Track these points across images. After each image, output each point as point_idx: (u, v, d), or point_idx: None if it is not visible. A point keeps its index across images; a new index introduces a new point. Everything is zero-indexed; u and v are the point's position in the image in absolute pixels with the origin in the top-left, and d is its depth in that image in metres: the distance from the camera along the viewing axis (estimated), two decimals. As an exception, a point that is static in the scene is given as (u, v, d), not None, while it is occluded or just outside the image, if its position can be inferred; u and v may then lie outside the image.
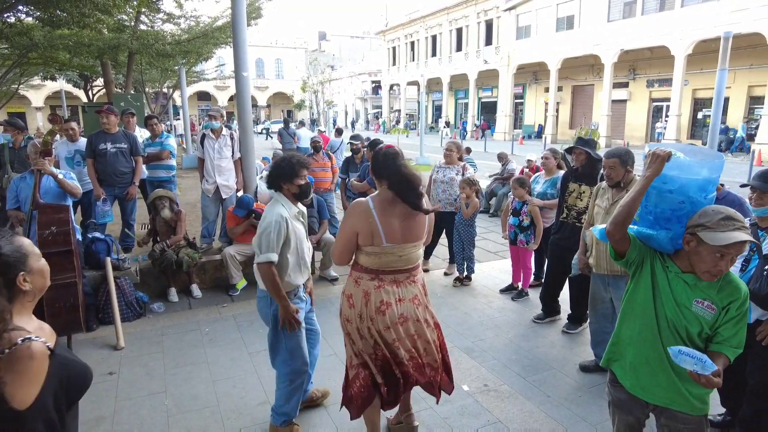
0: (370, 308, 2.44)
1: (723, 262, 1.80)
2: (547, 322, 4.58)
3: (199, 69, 25.66)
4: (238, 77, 5.35)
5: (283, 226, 2.64)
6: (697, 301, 1.89)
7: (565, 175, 4.46)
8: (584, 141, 4.31)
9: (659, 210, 2.00)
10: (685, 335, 1.92)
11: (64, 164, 5.56)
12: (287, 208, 2.72)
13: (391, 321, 2.45)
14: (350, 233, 2.41)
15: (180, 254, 5.01)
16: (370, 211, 2.37)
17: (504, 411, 3.21)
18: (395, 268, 2.45)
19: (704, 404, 1.99)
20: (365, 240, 2.38)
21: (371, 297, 2.44)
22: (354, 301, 2.48)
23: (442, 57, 37.65)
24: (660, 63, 23.58)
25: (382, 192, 2.45)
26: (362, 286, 2.46)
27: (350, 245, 2.44)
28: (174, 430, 3.02)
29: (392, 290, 2.46)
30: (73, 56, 13.84)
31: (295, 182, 2.71)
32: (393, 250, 2.40)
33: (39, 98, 42.31)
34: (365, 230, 2.37)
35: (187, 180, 11.55)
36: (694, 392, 1.94)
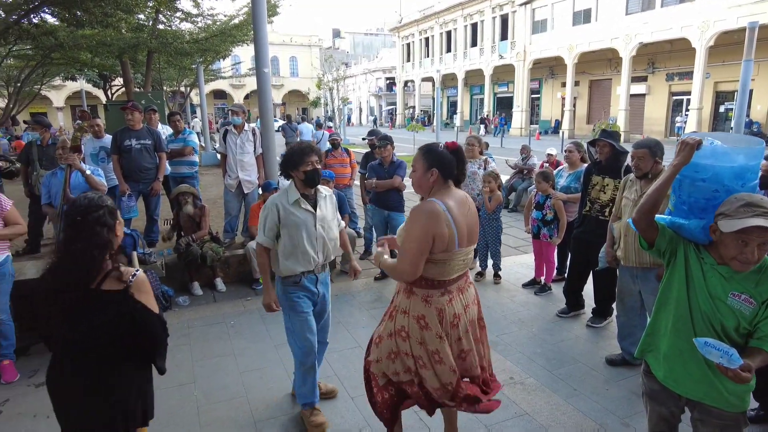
0: (446, 325, 2.26)
1: (748, 249, 1.72)
2: (571, 316, 4.55)
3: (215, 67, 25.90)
4: (259, 73, 5.39)
5: (272, 211, 2.77)
6: (733, 294, 1.82)
7: (588, 167, 4.41)
8: (608, 133, 4.26)
9: (693, 200, 1.96)
10: (720, 329, 1.85)
11: (90, 160, 5.67)
12: (288, 195, 2.82)
13: (462, 331, 2.31)
14: (426, 239, 2.14)
15: (204, 249, 5.08)
16: (444, 214, 2.15)
17: (531, 403, 3.20)
18: (458, 273, 2.29)
19: (741, 401, 1.91)
20: (440, 246, 2.16)
21: (445, 314, 2.25)
22: (428, 322, 2.24)
23: (457, 53, 37.46)
24: (680, 56, 23.19)
25: (442, 191, 2.26)
26: (434, 304, 2.24)
27: (425, 253, 2.16)
28: (204, 419, 3.07)
29: (460, 299, 2.31)
30: (95, 56, 14.07)
31: (300, 169, 2.79)
32: (461, 255, 2.24)
33: (60, 98, 43.14)
34: (442, 235, 2.14)
35: (206, 177, 11.67)
36: (729, 387, 1.88)
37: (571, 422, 3.01)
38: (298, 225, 2.80)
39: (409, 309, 2.29)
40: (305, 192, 2.87)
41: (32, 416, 3.12)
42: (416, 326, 2.26)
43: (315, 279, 2.93)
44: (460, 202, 2.26)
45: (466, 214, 2.26)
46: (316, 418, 2.93)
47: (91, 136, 5.86)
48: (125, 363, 1.90)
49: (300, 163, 2.78)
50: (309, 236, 2.83)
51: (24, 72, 14.79)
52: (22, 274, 4.64)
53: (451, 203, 2.20)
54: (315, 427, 2.89)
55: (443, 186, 2.27)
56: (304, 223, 2.82)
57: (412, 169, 2.36)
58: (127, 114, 5.54)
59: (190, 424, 3.02)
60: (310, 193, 2.88)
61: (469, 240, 2.29)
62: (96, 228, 1.80)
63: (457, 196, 2.28)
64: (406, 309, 2.30)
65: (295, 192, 2.83)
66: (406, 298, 2.31)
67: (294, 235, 2.81)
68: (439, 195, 2.24)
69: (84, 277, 1.77)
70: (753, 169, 1.92)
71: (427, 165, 2.26)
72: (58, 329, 1.83)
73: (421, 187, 2.31)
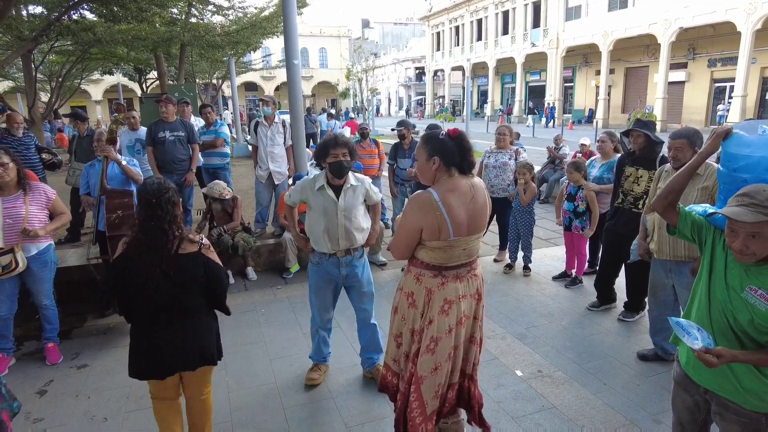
0: (433, 308, 2.26)
1: (737, 239, 1.68)
2: (602, 310, 4.46)
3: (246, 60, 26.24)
4: (289, 65, 5.44)
5: (301, 191, 3.11)
6: (750, 288, 1.74)
7: (621, 158, 4.29)
8: (643, 123, 4.13)
9: (728, 189, 1.92)
10: (732, 321, 1.80)
11: (126, 152, 5.84)
12: (316, 182, 3.04)
13: (451, 323, 2.28)
14: (413, 229, 2.22)
15: (236, 239, 5.19)
16: (435, 204, 2.16)
17: (559, 397, 3.17)
18: (458, 262, 2.29)
19: (761, 401, 1.81)
20: (431, 235, 2.19)
21: (434, 295, 2.27)
22: (416, 299, 2.31)
23: (488, 41, 36.84)
24: (723, 40, 22.18)
25: (444, 181, 2.25)
26: (424, 283, 2.28)
27: (413, 242, 2.26)
28: (234, 404, 3.16)
29: (455, 287, 2.28)
30: (130, 50, 14.46)
31: (326, 160, 2.97)
32: (458, 243, 2.23)
33: (98, 92, 44.58)
34: (431, 225, 2.17)
35: (237, 168, 11.88)
36: (743, 382, 1.80)
37: (600, 417, 2.96)
38: (317, 210, 3.03)
39: (403, 285, 2.40)
40: (334, 182, 3.02)
41: (74, 396, 3.27)
42: (405, 302, 2.36)
43: (338, 262, 3.12)
44: (462, 192, 2.22)
45: (467, 203, 2.21)
46: (312, 373, 3.39)
47: (127, 128, 6.03)
48: (203, 312, 2.40)
49: (326, 155, 2.95)
50: (329, 223, 3.01)
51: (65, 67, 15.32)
52: (64, 261, 4.86)
53: (449, 194, 2.18)
54: (307, 379, 3.36)
55: (446, 174, 2.25)
56: (324, 209, 3.01)
57: (415, 159, 2.39)
58: (161, 106, 5.68)
59: (220, 408, 3.11)
60: (339, 183, 3.02)
61: (470, 230, 2.25)
62: (167, 206, 2.23)
63: (460, 186, 2.23)
64: (402, 286, 2.42)
65: (322, 179, 3.03)
66: (404, 276, 2.41)
67: (314, 220, 3.07)
68: (440, 185, 2.24)
69: (165, 245, 2.21)
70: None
71: (428, 153, 2.25)
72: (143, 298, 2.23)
73: (424, 175, 2.31)
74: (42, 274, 3.60)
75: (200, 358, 2.35)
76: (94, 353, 3.85)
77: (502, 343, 3.90)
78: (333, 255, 3.10)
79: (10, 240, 3.35)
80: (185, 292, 2.27)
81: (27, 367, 3.62)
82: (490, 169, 5.56)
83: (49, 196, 3.60)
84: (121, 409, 3.12)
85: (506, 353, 3.74)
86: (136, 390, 3.32)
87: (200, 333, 2.35)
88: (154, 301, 2.23)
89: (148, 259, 2.20)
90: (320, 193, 3.01)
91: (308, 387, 3.33)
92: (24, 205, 3.42)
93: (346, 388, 3.33)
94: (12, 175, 3.38)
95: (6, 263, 3.33)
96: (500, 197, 5.52)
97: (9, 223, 3.34)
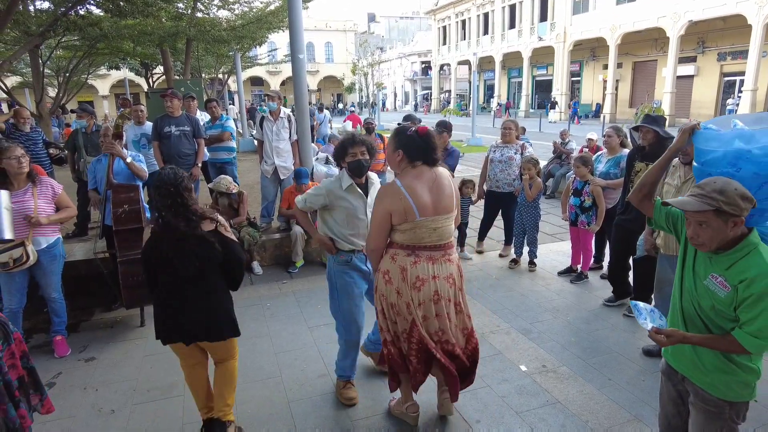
0: (408, 284, 2.49)
1: (690, 227, 1.80)
2: (618, 305, 4.43)
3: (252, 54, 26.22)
4: (294, 59, 5.43)
5: (321, 196, 2.95)
6: (712, 276, 1.81)
7: (631, 153, 4.27)
8: (652, 119, 4.10)
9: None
10: (697, 307, 1.88)
11: (132, 147, 5.87)
12: (342, 182, 2.94)
13: (424, 298, 2.51)
14: (383, 215, 2.47)
15: (241, 233, 5.21)
16: (399, 190, 2.42)
17: (563, 392, 3.17)
18: (430, 243, 2.51)
19: (727, 388, 1.86)
20: (399, 218, 2.44)
21: (408, 273, 2.49)
22: (391, 276, 2.52)
23: (494, 35, 36.60)
24: (734, 33, 21.90)
25: (405, 171, 2.51)
26: (399, 262, 2.50)
27: (385, 227, 2.50)
28: (240, 398, 3.16)
29: (428, 267, 2.51)
30: (137, 45, 14.50)
31: (345, 160, 2.93)
32: (426, 223, 2.46)
33: (105, 87, 44.74)
34: (398, 209, 2.42)
35: (244, 162, 11.89)
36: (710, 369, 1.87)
37: (604, 412, 2.96)
38: (348, 209, 2.94)
39: (381, 266, 2.59)
40: (357, 180, 2.98)
41: (82, 388, 3.31)
42: (382, 281, 2.57)
43: (365, 258, 3.04)
44: (426, 178, 2.48)
45: (431, 187, 2.48)
46: (348, 392, 3.12)
47: (133, 123, 6.06)
48: (222, 287, 2.62)
49: (346, 153, 2.91)
50: (358, 220, 2.97)
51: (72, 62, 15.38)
52: (71, 255, 4.90)
53: (413, 181, 2.45)
54: (345, 399, 3.10)
55: (409, 166, 2.51)
56: (354, 208, 2.94)
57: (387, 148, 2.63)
58: (167, 101, 5.70)
59: (227, 401, 3.13)
60: (360, 181, 2.99)
61: (436, 210, 2.48)
62: (185, 193, 2.48)
63: (424, 174, 2.49)
64: (380, 266, 2.60)
65: (348, 179, 2.94)
66: (383, 258, 2.60)
67: (344, 218, 2.95)
68: (403, 174, 2.50)
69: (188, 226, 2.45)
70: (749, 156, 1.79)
71: (394, 146, 2.53)
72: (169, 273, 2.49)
73: (392, 165, 2.60)
74: (51, 267, 3.64)
75: (218, 330, 2.60)
76: (101, 346, 3.89)
77: (506, 338, 3.90)
78: (360, 251, 3.03)
79: (19, 233, 3.38)
80: (207, 267, 2.52)
81: (36, 359, 3.60)
82: (495, 164, 5.53)
83: (56, 190, 3.64)
84: (128, 402, 3.15)
85: (511, 348, 3.74)
86: (143, 383, 3.36)
87: (217, 306, 2.59)
88: (180, 275, 2.48)
89: (173, 240, 2.46)
90: (349, 193, 2.94)
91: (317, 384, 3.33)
92: (32, 198, 3.46)
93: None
94: (27, 168, 3.46)
95: (17, 256, 3.37)
96: (506, 192, 5.50)
97: (18, 216, 3.38)
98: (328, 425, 2.90)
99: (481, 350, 3.61)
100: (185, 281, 2.51)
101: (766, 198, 1.80)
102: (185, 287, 2.53)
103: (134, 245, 4.10)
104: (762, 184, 1.79)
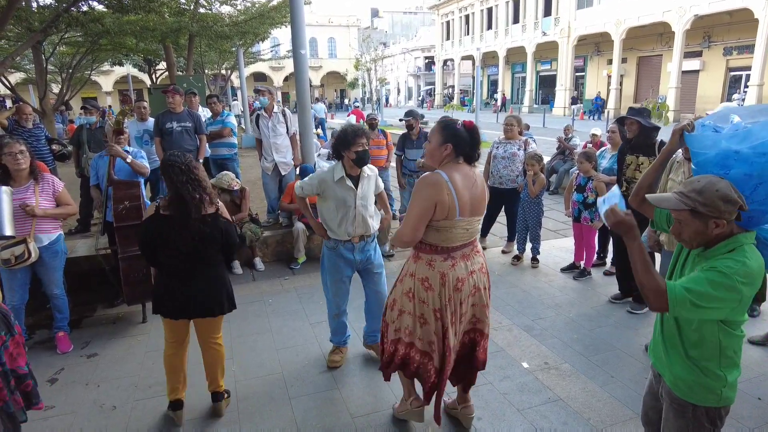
0: (449, 288, 2.42)
1: (674, 224, 1.79)
2: (625, 302, 4.41)
3: (254, 50, 26.17)
4: (296, 55, 5.40)
5: (315, 183, 3.14)
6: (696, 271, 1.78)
7: (622, 147, 4.30)
8: (636, 110, 4.13)
9: None
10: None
11: (134, 143, 5.86)
12: (335, 173, 3.08)
13: (465, 296, 2.50)
14: (428, 206, 2.31)
15: (243, 229, 5.20)
16: (446, 184, 2.30)
17: (565, 389, 3.15)
18: (462, 242, 2.44)
19: (690, 390, 1.82)
20: (442, 212, 2.32)
21: (448, 278, 2.42)
22: (432, 284, 2.43)
23: (498, 30, 36.41)
24: (740, 28, 21.68)
25: (450, 165, 2.40)
26: (437, 268, 2.42)
27: (426, 218, 2.34)
28: (241, 394, 3.18)
29: (464, 265, 2.47)
30: (139, 41, 14.47)
31: (352, 149, 3.00)
32: (462, 223, 2.38)
33: (108, 83, 44.75)
34: (444, 201, 2.30)
35: (246, 159, 11.89)
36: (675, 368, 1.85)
37: (606, 409, 2.95)
38: (337, 200, 3.10)
39: (416, 272, 2.50)
40: (352, 172, 3.10)
41: (84, 384, 3.32)
42: (421, 287, 2.48)
43: (352, 247, 3.23)
44: (466, 176, 2.40)
45: (470, 187, 2.40)
46: (334, 355, 3.49)
47: (135, 119, 6.05)
48: (219, 263, 2.82)
49: (352, 144, 3.00)
50: (347, 212, 3.12)
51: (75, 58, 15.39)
52: (74, 252, 4.91)
53: (456, 176, 2.35)
54: (329, 362, 3.46)
55: (453, 161, 2.41)
56: (343, 199, 3.09)
57: (428, 141, 2.49)
58: (168, 97, 5.69)
59: (228, 397, 3.14)
60: (356, 173, 3.11)
61: (472, 212, 2.42)
62: (194, 170, 2.64)
63: (464, 171, 2.41)
64: (414, 272, 2.51)
65: (341, 171, 3.08)
66: (414, 263, 2.53)
67: (333, 209, 3.14)
68: (447, 168, 2.38)
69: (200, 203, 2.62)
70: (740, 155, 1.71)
71: (443, 139, 2.40)
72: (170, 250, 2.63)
73: (433, 158, 2.45)
74: (53, 263, 3.64)
75: (219, 305, 2.80)
76: (103, 342, 3.90)
77: (508, 334, 3.89)
78: (348, 241, 3.21)
79: (21, 230, 3.38)
80: (208, 246, 2.68)
81: (38, 355, 3.67)
82: (498, 160, 5.50)
83: (57, 187, 3.64)
84: (129, 398, 3.16)
85: (513, 345, 3.72)
86: (145, 379, 3.36)
87: (213, 284, 2.77)
88: (180, 252, 2.63)
89: (178, 218, 2.59)
90: (339, 184, 3.08)
91: (330, 368, 3.44)
92: (34, 195, 3.47)
93: (352, 379, 3.34)
94: (27, 164, 3.45)
95: (19, 253, 3.37)
96: (509, 188, 5.47)
97: (20, 213, 3.38)
98: (328, 422, 2.90)
99: (483, 347, 3.64)
100: (188, 259, 2.66)
101: (763, 200, 1.71)
102: (188, 265, 2.68)
103: (135, 242, 4.09)
104: (756, 186, 1.70)
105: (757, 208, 1.72)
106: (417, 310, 2.52)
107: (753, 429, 2.74)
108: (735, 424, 2.76)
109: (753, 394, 3.04)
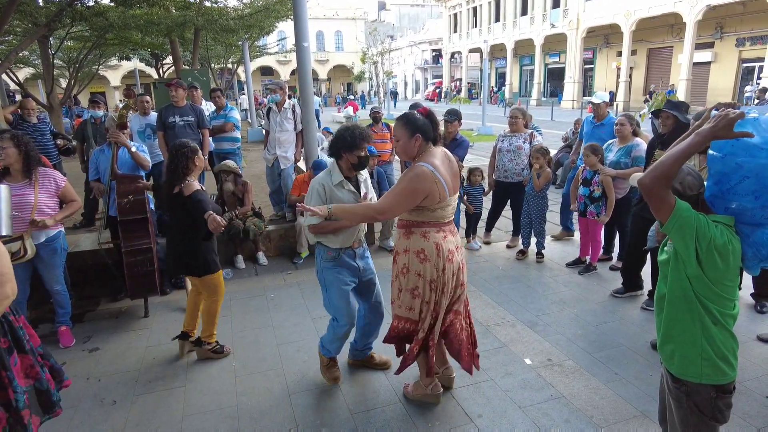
0: (443, 258, 2.58)
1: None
2: (627, 297, 4.35)
3: (261, 43, 26.10)
4: (299, 48, 5.34)
5: (320, 192, 2.84)
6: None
7: (652, 141, 4.20)
8: (673, 104, 4.00)
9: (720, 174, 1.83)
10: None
11: (137, 138, 5.84)
12: (332, 176, 2.85)
13: (455, 269, 2.66)
14: (416, 195, 2.48)
15: (247, 223, 5.19)
16: (433, 174, 2.47)
17: (568, 386, 3.11)
18: (449, 219, 2.65)
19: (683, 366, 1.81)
20: (432, 201, 2.51)
21: (442, 247, 2.58)
22: (428, 254, 2.58)
23: (506, 22, 36.07)
24: (754, 18, 21.29)
25: (425, 153, 2.57)
26: (432, 239, 2.58)
27: (411, 204, 2.51)
28: (240, 389, 3.17)
29: (452, 240, 2.67)
30: (145, 35, 14.46)
31: (355, 153, 2.79)
32: (451, 201, 2.62)
33: (116, 78, 44.91)
34: (433, 193, 2.49)
35: (252, 153, 11.93)
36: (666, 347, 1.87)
37: (610, 407, 2.90)
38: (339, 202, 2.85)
39: (409, 246, 2.62)
40: (348, 174, 2.88)
41: (85, 379, 3.32)
42: (416, 260, 2.61)
43: (353, 254, 2.98)
44: (442, 159, 2.59)
45: (448, 167, 2.60)
46: (333, 372, 3.20)
47: (138, 113, 6.03)
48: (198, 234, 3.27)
49: (356, 147, 2.78)
50: None
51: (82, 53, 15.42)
52: (77, 246, 4.92)
53: (437, 162, 2.52)
54: (330, 380, 3.20)
55: (426, 148, 2.58)
56: (344, 201, 2.84)
57: (395, 138, 2.62)
58: (171, 91, 5.66)
59: (227, 392, 3.13)
60: (352, 175, 2.91)
61: (455, 188, 2.64)
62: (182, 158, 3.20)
63: (438, 154, 2.59)
64: (407, 248, 2.63)
65: (338, 174, 2.84)
66: (406, 239, 2.64)
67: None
68: (425, 157, 2.54)
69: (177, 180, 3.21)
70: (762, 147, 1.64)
71: (411, 132, 2.55)
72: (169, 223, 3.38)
73: (407, 153, 2.60)
74: (52, 260, 3.63)
75: (194, 268, 3.33)
76: (105, 337, 3.90)
77: (511, 330, 3.84)
78: (349, 248, 2.96)
79: (18, 227, 3.34)
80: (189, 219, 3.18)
81: (40, 349, 3.68)
82: (504, 153, 5.43)
83: (59, 183, 3.60)
84: (129, 393, 3.15)
85: (515, 341, 3.68)
86: (145, 374, 3.36)
87: (195, 249, 3.29)
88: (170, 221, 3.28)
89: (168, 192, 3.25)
90: (340, 188, 2.84)
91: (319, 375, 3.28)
92: (33, 192, 3.43)
93: (351, 375, 3.31)
94: (11, 161, 3.36)
95: (15, 250, 3.35)
96: (514, 182, 5.41)
97: (17, 210, 3.36)
98: (327, 417, 2.88)
99: (486, 343, 3.61)
100: (176, 229, 3.29)
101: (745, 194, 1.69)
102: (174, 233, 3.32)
103: (138, 235, 4.09)
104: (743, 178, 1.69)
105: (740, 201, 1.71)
106: (410, 283, 2.65)
107: (760, 429, 2.68)
108: (741, 422, 2.70)
109: (760, 393, 2.98)
